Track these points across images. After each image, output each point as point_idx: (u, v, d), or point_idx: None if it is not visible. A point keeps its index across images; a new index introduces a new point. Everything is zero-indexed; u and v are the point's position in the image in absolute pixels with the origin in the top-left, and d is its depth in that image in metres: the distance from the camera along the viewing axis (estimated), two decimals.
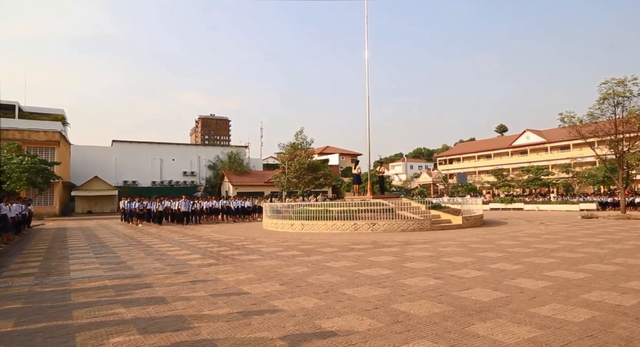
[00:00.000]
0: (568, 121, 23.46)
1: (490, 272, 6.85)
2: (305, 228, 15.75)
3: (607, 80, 21.89)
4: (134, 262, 8.98)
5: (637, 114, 21.76)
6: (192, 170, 52.80)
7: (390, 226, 14.78)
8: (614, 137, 22.37)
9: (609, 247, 9.67)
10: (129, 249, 11.40)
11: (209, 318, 4.52)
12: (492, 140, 74.07)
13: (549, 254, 8.74)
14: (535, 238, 11.89)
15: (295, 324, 4.26)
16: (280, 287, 6.02)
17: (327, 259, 8.73)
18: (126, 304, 5.19)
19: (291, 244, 11.78)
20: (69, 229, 20.19)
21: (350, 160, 62.13)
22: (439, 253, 9.17)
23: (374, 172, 21.89)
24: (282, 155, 39.36)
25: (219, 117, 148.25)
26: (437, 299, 5.11)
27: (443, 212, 16.98)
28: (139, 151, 49.66)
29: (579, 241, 10.89)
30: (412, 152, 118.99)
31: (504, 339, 3.68)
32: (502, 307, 4.72)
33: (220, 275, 7.14)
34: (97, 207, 42.00)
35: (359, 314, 4.54)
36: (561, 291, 5.41)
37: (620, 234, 12.67)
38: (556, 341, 3.61)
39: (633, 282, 5.87)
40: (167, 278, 6.97)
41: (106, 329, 4.19)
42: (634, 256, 8.28)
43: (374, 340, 3.72)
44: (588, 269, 6.89)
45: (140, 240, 14.10)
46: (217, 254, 9.98)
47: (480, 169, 64.14)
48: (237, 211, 25.16)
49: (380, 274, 6.84)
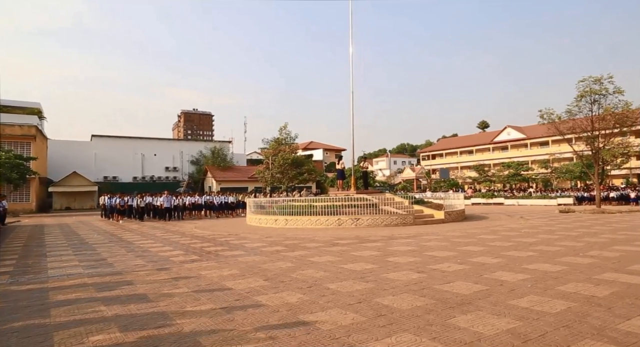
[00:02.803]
0: (547, 118, 23.99)
1: (472, 265, 6.98)
2: (290, 223, 15.74)
3: (584, 78, 22.46)
4: (114, 259, 8.83)
5: (612, 112, 22.39)
6: (175, 165, 52.08)
7: (374, 221, 14.88)
8: (591, 133, 22.98)
9: (584, 240, 9.95)
10: (110, 246, 11.21)
11: (192, 314, 4.49)
12: (474, 136, 75.06)
13: (528, 247, 8.95)
14: (515, 232, 12.15)
15: (279, 319, 4.26)
16: (264, 283, 6.01)
17: (311, 254, 8.75)
18: (107, 302, 5.11)
19: (275, 239, 11.76)
20: (47, 226, 19.71)
21: (334, 155, 62.27)
22: (422, 247, 9.29)
23: (357, 167, 21.98)
24: (266, 150, 39.21)
25: (202, 112, 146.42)
26: (420, 293, 5.18)
27: (426, 207, 17.18)
28: (120, 146, 48.68)
29: (556, 235, 11.18)
30: (396, 148, 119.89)
31: (484, 330, 3.76)
32: (483, 299, 4.82)
33: (203, 271, 7.09)
34: (76, 204, 41.11)
35: (343, 309, 4.57)
36: (539, 283, 5.55)
37: (595, 227, 13.05)
38: (534, 331, 3.71)
39: (606, 274, 6.06)
40: (149, 275, 6.88)
41: (86, 327, 4.12)
42: (608, 248, 8.54)
43: (357, 334, 3.75)
44: (565, 262, 7.09)
45: (121, 236, 13.87)
46: (200, 250, 9.90)
47: (462, 164, 65.00)
48: (221, 206, 24.96)
49: (364, 269, 6.89)
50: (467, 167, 61.80)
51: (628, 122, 23.02)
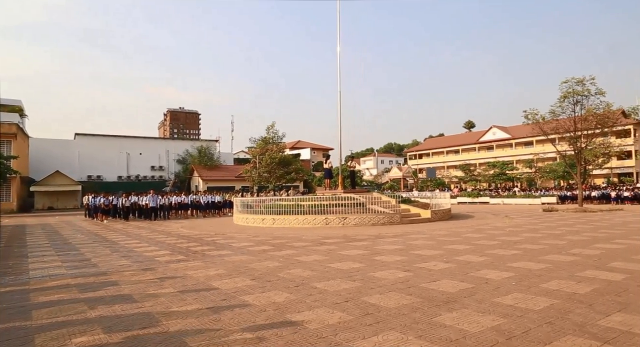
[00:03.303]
0: (531, 118, 24.37)
1: (457, 264, 7.05)
2: (277, 223, 15.70)
3: (567, 79, 22.88)
4: (98, 259, 8.69)
5: (594, 112, 22.86)
6: (161, 164, 51.50)
7: (361, 220, 14.94)
8: (573, 134, 23.43)
9: (567, 238, 10.15)
10: (94, 246, 11.03)
11: (178, 315, 4.44)
12: (460, 136, 75.86)
13: (512, 246, 9.09)
14: (500, 231, 12.33)
15: (266, 318, 4.25)
16: (251, 282, 5.99)
17: (298, 253, 8.74)
18: (90, 303, 5.03)
19: (262, 238, 11.72)
20: (28, 226, 19.30)
21: (322, 154, 62.33)
22: (409, 246, 9.36)
23: (345, 166, 22.03)
24: (253, 149, 39.01)
25: (188, 111, 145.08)
26: (406, 291, 5.22)
27: (413, 206, 17.31)
28: (104, 145, 47.92)
29: (540, 233, 11.37)
30: (383, 147, 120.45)
31: (469, 328, 3.81)
32: (468, 297, 4.87)
33: (189, 271, 7.02)
34: (59, 203, 40.34)
35: (330, 308, 4.58)
36: (523, 281, 5.64)
37: (577, 226, 13.31)
38: (517, 328, 3.77)
39: (588, 271, 6.19)
40: (134, 275, 6.79)
41: (68, 329, 4.05)
42: (589, 246, 8.73)
43: (344, 332, 3.77)
44: (548, 260, 7.21)
45: (105, 236, 13.67)
46: (187, 250, 9.81)
47: (448, 164, 65.65)
48: (207, 206, 24.77)
49: (351, 268, 6.91)
50: (454, 167, 62.45)
51: (609, 123, 23.54)
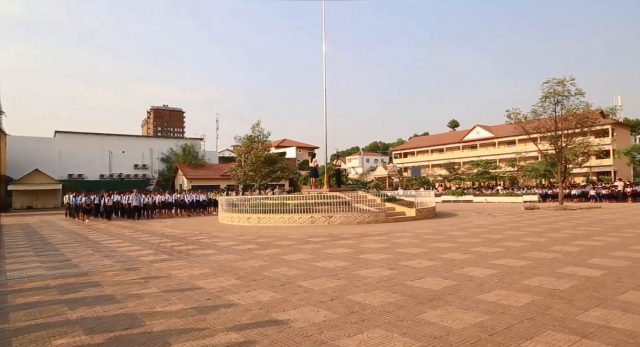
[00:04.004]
0: (514, 118, 24.78)
1: (442, 262, 7.13)
2: (262, 221, 15.64)
3: (548, 79, 23.33)
4: (80, 259, 8.53)
5: (574, 112, 23.37)
6: (144, 163, 50.77)
7: (347, 219, 14.99)
8: (554, 133, 23.91)
9: (548, 236, 10.35)
10: (75, 246, 10.82)
11: (162, 315, 4.39)
12: (444, 135, 76.69)
13: (495, 243, 9.23)
14: (483, 229, 12.51)
15: (251, 317, 4.23)
16: (235, 282, 5.95)
17: (284, 252, 8.73)
18: (71, 304, 4.93)
19: (247, 237, 11.66)
20: (6, 226, 18.81)
21: (308, 153, 62.27)
22: (394, 244, 9.42)
23: (330, 165, 22.10)
24: (238, 148, 38.73)
25: (172, 108, 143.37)
26: (391, 289, 5.26)
27: (398, 205, 17.43)
28: (86, 143, 46.99)
29: (522, 231, 11.58)
30: (369, 146, 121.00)
31: (453, 325, 3.85)
32: (452, 295, 4.93)
33: (173, 271, 6.94)
34: (38, 203, 39.45)
35: (315, 306, 4.58)
36: (505, 278, 5.73)
37: (558, 223, 13.60)
38: (500, 324, 3.83)
39: (568, 267, 6.33)
40: (117, 275, 6.68)
41: (48, 331, 3.96)
42: (569, 243, 8.92)
43: (329, 331, 3.77)
44: (530, 257, 7.35)
45: (87, 236, 13.41)
46: (171, 250, 9.69)
47: (433, 162, 66.32)
48: (192, 204, 24.52)
49: (337, 266, 6.93)
50: (438, 165, 63.11)
51: (588, 123, 24.09)
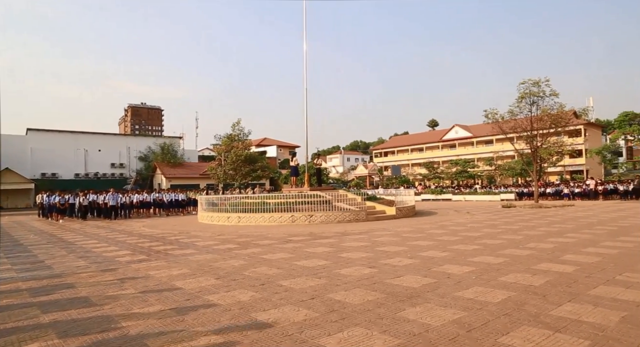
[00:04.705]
0: (491, 117, 25.27)
1: (421, 259, 7.22)
2: (242, 221, 15.52)
3: (524, 80, 23.88)
4: (53, 261, 8.28)
5: (549, 113, 24.00)
6: (121, 161, 49.68)
7: (327, 218, 15.01)
8: (530, 133, 24.49)
9: (524, 233, 10.61)
10: (48, 247, 10.51)
11: (139, 316, 4.30)
12: (424, 134, 77.60)
13: (473, 241, 9.40)
14: (462, 227, 12.73)
15: (231, 318, 4.19)
16: (215, 282, 5.89)
17: (264, 251, 8.68)
18: (43, 307, 4.78)
19: (227, 237, 11.55)
20: None
21: (288, 152, 62.16)
22: (374, 243, 9.49)
23: (311, 164, 22.06)
24: (218, 146, 38.32)
25: (150, 106, 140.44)
26: (371, 287, 5.29)
27: (378, 204, 17.56)
28: (60, 141, 45.63)
29: (499, 229, 11.83)
30: (349, 145, 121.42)
31: (432, 322, 3.91)
32: (431, 292, 5.00)
33: (151, 271, 6.82)
34: (9, 202, 38.11)
35: (295, 305, 4.57)
36: (483, 275, 5.85)
37: (533, 221, 13.95)
38: (477, 320, 3.91)
39: (542, 264, 6.50)
40: (92, 277, 6.52)
41: (19, 335, 3.83)
42: (544, 241, 9.17)
43: (309, 330, 3.77)
44: (506, 254, 7.52)
45: (61, 237, 13.04)
46: (149, 250, 9.51)
47: (413, 161, 67.06)
48: (171, 204, 24.12)
49: (317, 265, 6.93)
50: (418, 164, 63.87)
51: (562, 123, 24.76)
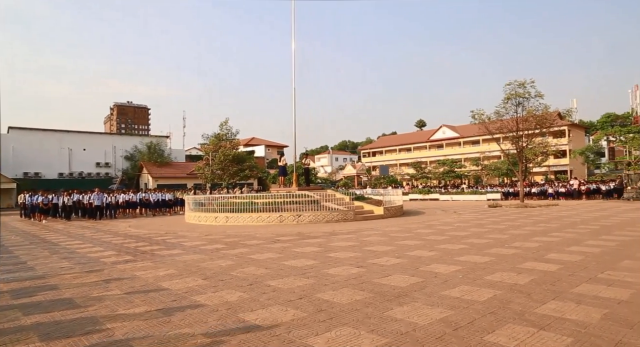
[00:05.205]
0: (478, 118, 25.54)
1: (409, 259, 7.27)
2: (230, 221, 15.43)
3: (510, 82, 24.18)
4: (36, 262, 8.12)
5: (534, 114, 24.36)
6: (107, 161, 48.97)
7: (316, 217, 15.01)
8: (516, 133, 24.82)
9: (509, 233, 10.75)
10: (31, 248, 10.30)
11: (125, 318, 4.25)
12: (412, 134, 78.15)
13: (460, 240, 9.49)
14: (449, 226, 12.84)
15: (218, 318, 4.16)
16: (202, 282, 5.84)
17: (252, 251, 8.64)
18: (25, 309, 4.68)
19: (215, 237, 11.47)
20: None
21: (276, 152, 61.93)
22: (362, 243, 9.52)
23: (299, 164, 22.04)
24: (206, 146, 38.01)
25: (137, 105, 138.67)
26: (359, 287, 5.30)
27: (366, 203, 17.62)
28: (43, 140, 44.77)
29: (485, 228, 11.97)
30: (338, 145, 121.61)
31: (419, 320, 3.93)
32: (418, 291, 5.04)
33: (137, 272, 6.73)
34: None
35: (283, 305, 4.56)
36: (469, 274, 5.91)
37: (519, 221, 14.14)
38: (463, 319, 3.95)
39: (527, 263, 6.60)
40: (76, 278, 6.41)
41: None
42: (529, 240, 9.30)
43: (297, 330, 3.76)
44: (492, 253, 7.61)
45: (44, 238, 12.80)
46: (135, 250, 9.39)
47: (401, 161, 67.43)
48: (157, 204, 23.86)
49: (305, 265, 6.93)
50: (406, 164, 64.21)
51: (547, 124, 25.16)
